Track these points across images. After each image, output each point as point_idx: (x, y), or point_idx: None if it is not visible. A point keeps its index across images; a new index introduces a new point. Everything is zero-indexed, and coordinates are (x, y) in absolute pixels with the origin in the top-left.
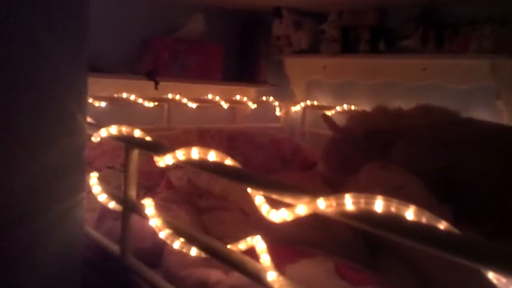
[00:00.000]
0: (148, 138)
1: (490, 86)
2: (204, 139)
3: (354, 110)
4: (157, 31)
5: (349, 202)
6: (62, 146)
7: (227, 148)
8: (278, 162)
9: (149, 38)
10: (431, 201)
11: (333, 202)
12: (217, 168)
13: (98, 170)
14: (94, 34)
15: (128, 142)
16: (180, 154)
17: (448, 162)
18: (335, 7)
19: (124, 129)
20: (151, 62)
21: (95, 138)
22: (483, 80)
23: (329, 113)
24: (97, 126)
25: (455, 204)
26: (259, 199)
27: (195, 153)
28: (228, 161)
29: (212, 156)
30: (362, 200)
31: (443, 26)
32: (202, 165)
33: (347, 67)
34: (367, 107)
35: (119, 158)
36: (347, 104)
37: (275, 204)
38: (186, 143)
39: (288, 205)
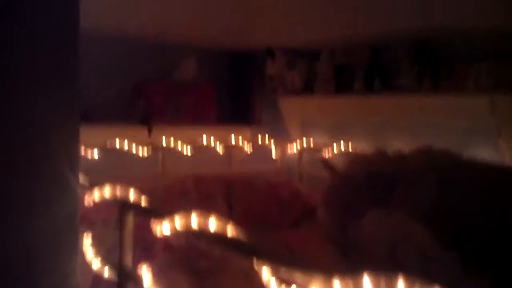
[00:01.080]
0: (143, 201)
1: (490, 124)
2: (201, 188)
3: (352, 151)
4: (150, 75)
5: (368, 283)
6: (55, 212)
7: (224, 196)
8: (277, 208)
9: (141, 82)
10: (437, 250)
11: (350, 283)
12: (219, 240)
13: (92, 224)
14: (85, 81)
15: (123, 206)
16: (179, 222)
17: (453, 206)
18: (328, 45)
19: (119, 190)
20: (144, 107)
21: (88, 203)
22: (482, 118)
23: (326, 153)
24: (90, 187)
25: (461, 249)
26: (266, 275)
27: (195, 220)
28: (230, 228)
29: (213, 223)
30: (383, 281)
31: (439, 63)
32: (203, 237)
33: (343, 106)
34: (364, 146)
35: (114, 209)
36: (344, 143)
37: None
38: (183, 194)
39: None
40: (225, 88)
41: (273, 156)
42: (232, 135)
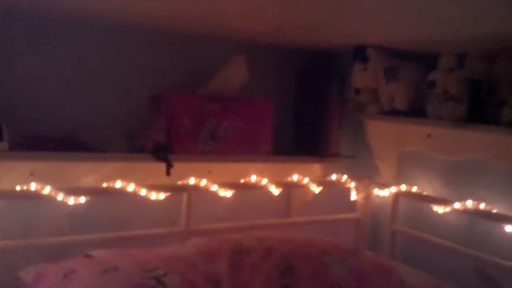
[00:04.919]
0: None
1: None
2: (242, 270)
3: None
4: (173, 84)
5: None
6: None
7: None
8: None
9: (160, 93)
10: None
11: None
12: None
13: None
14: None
15: None
16: None
17: None
18: (457, 46)
19: None
20: (162, 130)
21: None
22: None
23: (440, 209)
24: None
25: None
26: None
27: None
28: None
29: None
30: None
31: None
32: None
33: (472, 140)
34: (506, 205)
35: None
36: (471, 197)
37: None
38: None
39: None
40: (286, 105)
41: (352, 202)
42: (295, 175)
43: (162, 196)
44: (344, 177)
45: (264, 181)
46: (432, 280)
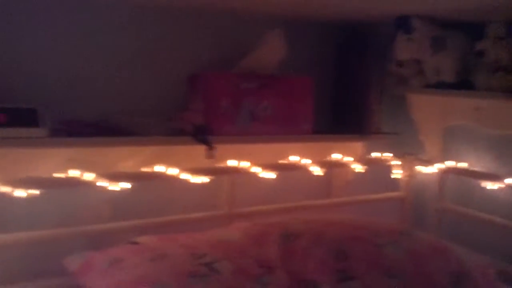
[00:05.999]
0: None
1: None
2: (294, 255)
3: None
4: (209, 63)
5: None
6: None
7: (334, 273)
8: None
9: (196, 73)
10: None
11: None
12: None
13: None
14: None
15: None
16: None
17: None
18: (505, 13)
19: None
20: (200, 111)
21: None
22: None
23: (490, 185)
24: None
25: None
26: None
27: None
28: None
29: None
30: None
31: None
32: None
33: None
34: None
35: None
36: None
37: None
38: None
39: None
40: (324, 80)
41: (395, 180)
42: (335, 153)
43: (204, 179)
44: (387, 154)
45: (305, 161)
46: (490, 260)
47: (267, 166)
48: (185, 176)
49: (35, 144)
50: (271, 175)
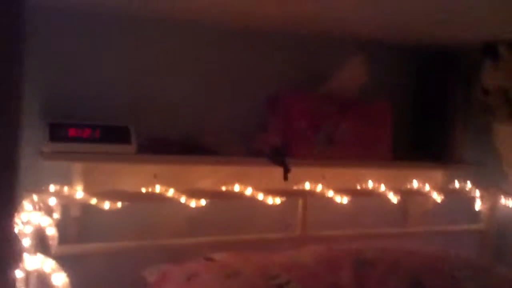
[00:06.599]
0: None
1: None
2: (368, 283)
3: None
4: (288, 85)
5: None
6: None
7: None
8: None
9: (276, 94)
10: None
11: None
12: None
13: None
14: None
15: None
16: None
17: None
18: None
19: None
20: (278, 133)
21: None
22: None
23: None
24: None
25: None
26: None
27: None
28: None
29: None
30: None
31: None
32: None
33: None
34: None
35: None
36: None
37: None
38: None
39: None
40: (404, 105)
41: (476, 212)
42: (413, 180)
43: (278, 201)
44: (468, 185)
45: (382, 187)
46: None
47: (341, 191)
48: (260, 196)
49: (126, 160)
50: (344, 199)
